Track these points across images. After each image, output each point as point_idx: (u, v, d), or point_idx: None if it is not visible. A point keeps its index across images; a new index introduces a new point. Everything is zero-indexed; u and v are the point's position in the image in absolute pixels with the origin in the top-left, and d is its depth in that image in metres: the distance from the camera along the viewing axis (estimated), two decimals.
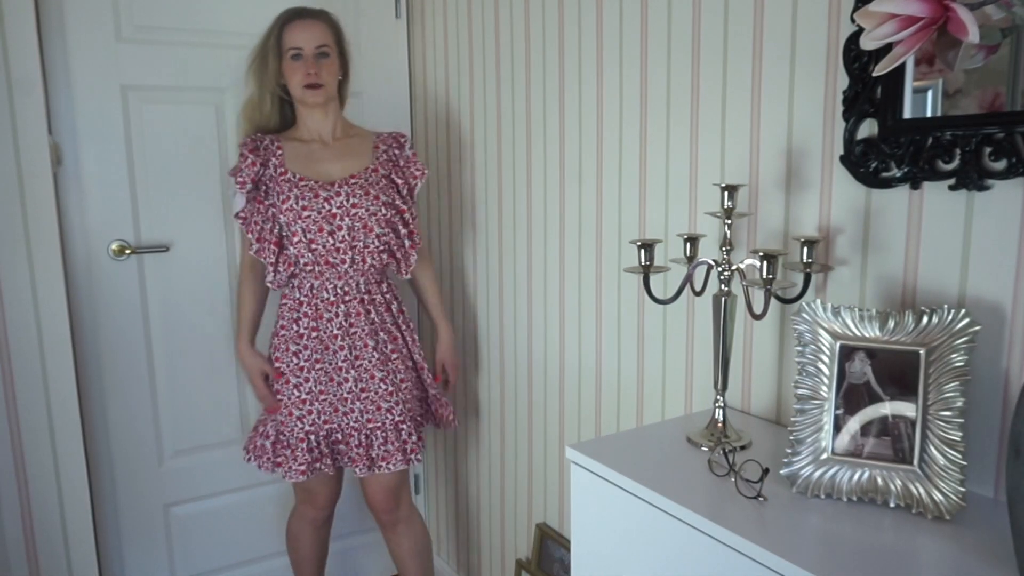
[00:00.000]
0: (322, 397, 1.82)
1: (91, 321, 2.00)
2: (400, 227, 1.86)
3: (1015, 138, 0.93)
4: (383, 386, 1.82)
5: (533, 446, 1.98)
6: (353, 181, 1.80)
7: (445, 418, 1.98)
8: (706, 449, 1.17)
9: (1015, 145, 0.93)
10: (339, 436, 1.85)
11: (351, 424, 1.83)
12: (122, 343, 2.04)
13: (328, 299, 1.81)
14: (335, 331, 1.81)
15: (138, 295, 2.05)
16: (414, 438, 1.84)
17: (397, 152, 1.90)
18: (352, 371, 1.82)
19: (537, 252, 1.88)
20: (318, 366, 1.82)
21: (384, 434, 1.82)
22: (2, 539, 1.88)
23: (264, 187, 1.81)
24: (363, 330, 1.82)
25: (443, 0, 2.15)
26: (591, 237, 1.68)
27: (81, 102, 1.92)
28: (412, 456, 1.84)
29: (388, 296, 1.89)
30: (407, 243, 1.87)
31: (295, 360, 1.82)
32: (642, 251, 1.19)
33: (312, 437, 1.82)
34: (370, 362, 1.82)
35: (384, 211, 1.82)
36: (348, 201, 1.78)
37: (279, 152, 1.83)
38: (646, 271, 1.20)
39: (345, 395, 1.82)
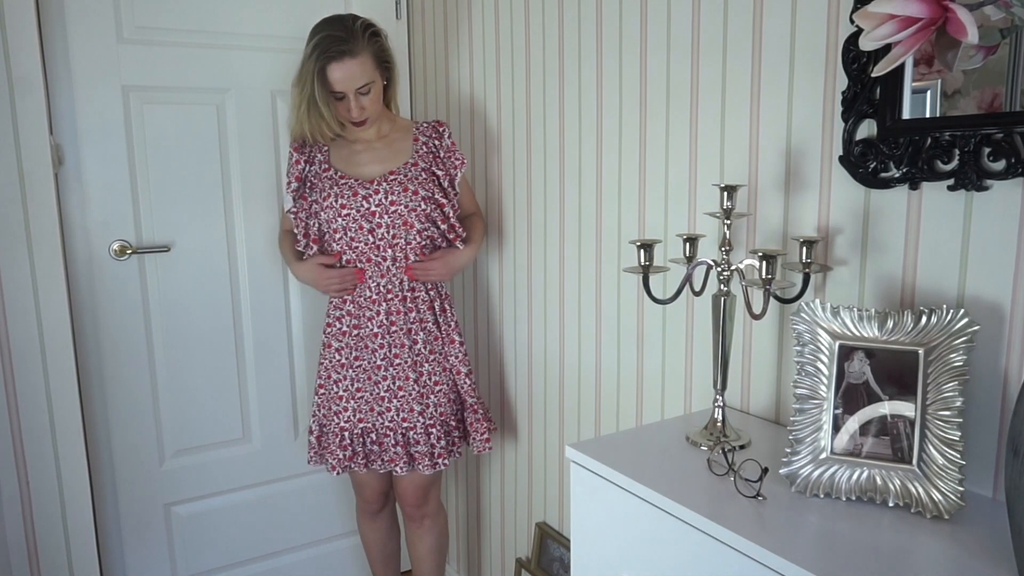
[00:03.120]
0: (359, 395, 1.85)
1: (92, 321, 2.00)
2: (439, 222, 1.84)
3: (1014, 138, 0.93)
4: (416, 388, 1.83)
5: (533, 446, 1.99)
6: (392, 177, 1.80)
7: (476, 437, 1.91)
8: (705, 448, 1.18)
9: (1014, 145, 0.93)
10: (374, 436, 1.86)
11: (387, 424, 1.84)
12: (123, 343, 2.05)
13: (371, 296, 1.82)
14: (375, 329, 1.82)
15: (139, 295, 2.05)
16: (443, 443, 1.85)
17: (437, 143, 1.87)
18: (391, 369, 1.83)
19: (537, 252, 1.88)
20: (356, 363, 1.85)
21: (416, 435, 1.83)
22: (3, 538, 1.88)
23: (309, 183, 1.85)
24: (402, 329, 1.82)
25: (443, 1, 2.15)
26: (591, 237, 1.69)
27: (82, 102, 1.92)
28: (439, 461, 1.84)
29: (432, 293, 1.87)
30: (449, 237, 1.86)
31: (337, 357, 1.86)
32: (641, 251, 1.20)
33: (347, 434, 1.87)
34: (406, 363, 1.82)
35: (424, 206, 1.80)
36: (387, 199, 1.78)
37: (325, 149, 1.87)
38: (646, 271, 1.20)
39: (382, 394, 1.84)
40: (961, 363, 0.94)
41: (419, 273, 1.83)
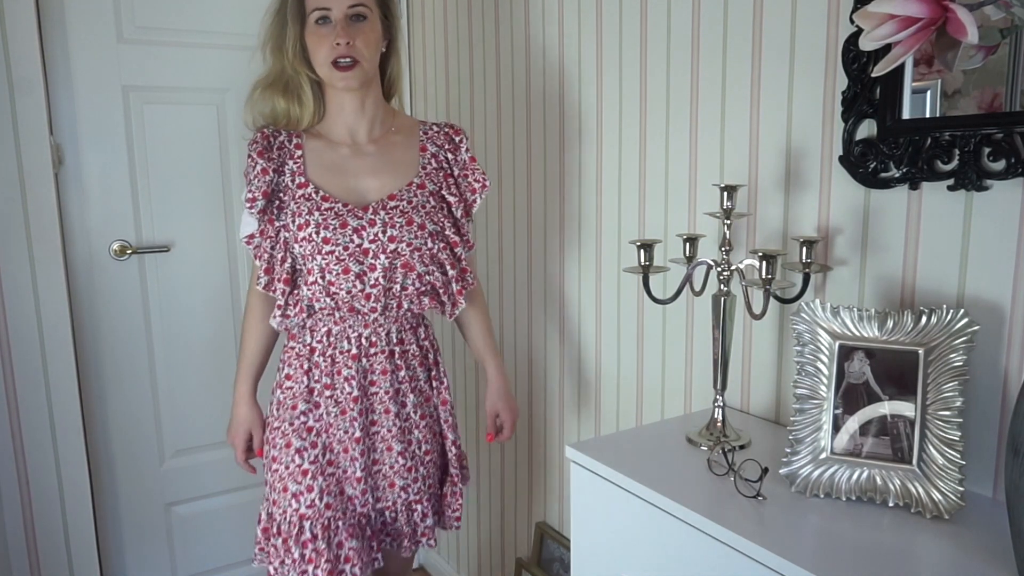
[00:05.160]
0: (329, 471, 1.41)
1: (92, 321, 2.00)
2: (448, 265, 1.43)
3: (1014, 138, 0.93)
4: (400, 460, 1.45)
5: (533, 446, 1.99)
6: (392, 204, 1.38)
7: (449, 513, 1.57)
8: (705, 448, 1.18)
9: (1014, 145, 0.93)
10: (339, 525, 1.41)
11: (358, 510, 1.44)
12: (123, 343, 2.05)
13: (349, 351, 1.41)
14: (354, 391, 1.41)
15: (139, 295, 2.05)
16: (428, 522, 1.51)
17: (451, 156, 1.47)
18: (368, 439, 1.44)
19: (537, 252, 1.88)
20: (331, 430, 1.42)
21: (393, 514, 1.49)
22: (3, 538, 1.88)
23: (277, 200, 1.39)
24: (387, 392, 1.43)
25: (443, 1, 2.15)
26: (591, 237, 1.69)
27: (82, 102, 1.93)
28: (423, 540, 1.52)
29: (425, 344, 1.50)
30: (455, 286, 1.44)
31: (301, 420, 1.42)
32: (641, 251, 1.20)
33: (309, 524, 1.38)
34: (389, 432, 1.44)
35: (430, 244, 1.39)
36: (385, 233, 1.35)
37: (298, 153, 1.41)
38: (646, 271, 1.20)
39: (358, 473, 1.42)
40: (961, 363, 0.94)
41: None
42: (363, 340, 1.42)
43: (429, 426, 1.50)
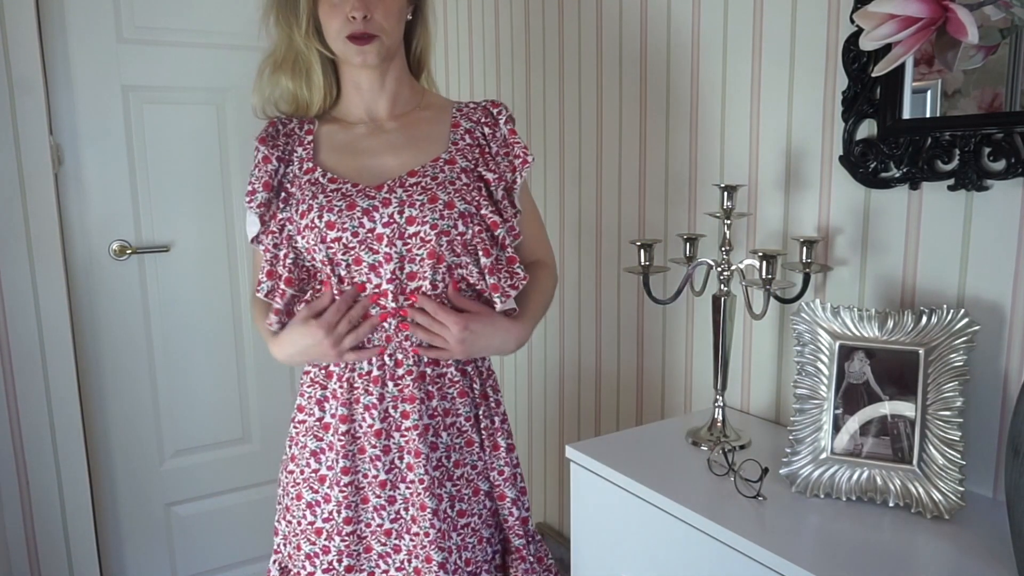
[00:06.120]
0: (348, 529, 1.17)
1: (92, 321, 2.00)
2: (482, 254, 1.13)
3: (1014, 138, 0.93)
4: (436, 523, 1.15)
5: (533, 446, 1.98)
6: (412, 181, 1.13)
7: None
8: (705, 448, 1.18)
9: (1014, 145, 0.93)
10: None
11: (392, 571, 1.19)
12: (123, 343, 2.05)
13: (369, 372, 1.15)
14: (375, 423, 1.15)
15: (139, 295, 2.05)
16: None
17: (489, 131, 1.22)
18: (401, 488, 1.17)
19: None
20: (346, 478, 1.16)
21: None
22: (3, 538, 1.88)
23: (284, 193, 1.18)
24: (414, 426, 1.14)
25: (443, 1, 2.15)
26: (591, 237, 1.69)
27: (82, 102, 1.92)
28: None
29: (469, 369, 1.20)
30: (491, 279, 1.13)
31: (313, 464, 1.19)
32: (642, 251, 1.20)
33: None
34: (419, 482, 1.15)
35: (462, 227, 1.12)
36: (402, 214, 1.10)
37: (308, 139, 1.21)
38: (646, 271, 1.20)
39: (387, 526, 1.18)
40: (961, 363, 0.94)
41: (422, 332, 1.13)
42: (387, 358, 1.15)
43: (469, 479, 1.19)
